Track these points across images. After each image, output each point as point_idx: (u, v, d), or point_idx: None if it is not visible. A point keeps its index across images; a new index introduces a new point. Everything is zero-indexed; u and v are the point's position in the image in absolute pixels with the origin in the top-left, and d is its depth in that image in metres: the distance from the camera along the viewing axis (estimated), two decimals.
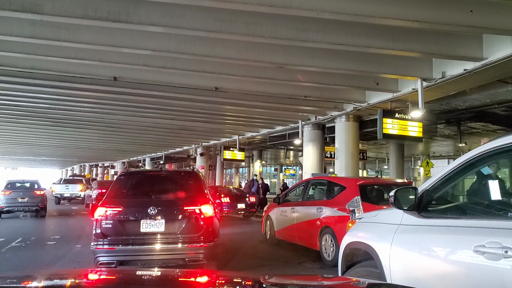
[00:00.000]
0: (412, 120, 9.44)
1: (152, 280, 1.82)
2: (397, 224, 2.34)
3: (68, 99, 11.06)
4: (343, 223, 5.62)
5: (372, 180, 6.65)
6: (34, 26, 6.21)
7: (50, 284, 1.67)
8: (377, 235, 2.49)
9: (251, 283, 1.78)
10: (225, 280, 1.85)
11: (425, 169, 18.12)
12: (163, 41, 6.54)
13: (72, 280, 1.71)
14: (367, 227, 2.73)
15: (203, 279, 1.85)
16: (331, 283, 1.92)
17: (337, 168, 11.28)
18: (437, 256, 2.07)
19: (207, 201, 5.00)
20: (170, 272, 2.42)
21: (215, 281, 1.84)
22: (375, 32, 6.11)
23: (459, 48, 6.32)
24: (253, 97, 9.87)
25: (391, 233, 2.33)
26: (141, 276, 1.95)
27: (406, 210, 2.24)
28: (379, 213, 2.69)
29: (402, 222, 2.31)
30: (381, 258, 2.37)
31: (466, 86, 8.09)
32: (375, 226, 2.59)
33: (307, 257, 6.65)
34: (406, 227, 2.27)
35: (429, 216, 2.19)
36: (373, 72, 7.71)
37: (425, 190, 2.21)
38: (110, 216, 4.75)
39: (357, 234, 2.79)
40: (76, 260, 6.44)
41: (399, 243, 2.27)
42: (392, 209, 2.43)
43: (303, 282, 1.86)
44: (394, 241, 2.29)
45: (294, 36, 5.96)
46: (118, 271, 2.85)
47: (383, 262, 2.34)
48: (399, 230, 2.30)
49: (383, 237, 2.41)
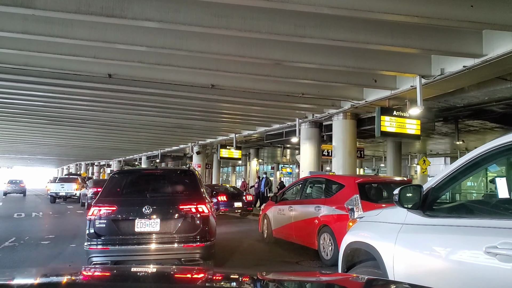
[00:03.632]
0: (410, 117, 9.36)
1: (148, 277, 1.78)
2: (400, 223, 2.25)
3: (62, 96, 10.94)
4: (342, 221, 5.54)
5: (371, 178, 6.58)
6: (26, 21, 6.07)
7: (45, 281, 1.61)
8: (380, 235, 2.40)
9: (248, 279, 1.73)
10: (222, 277, 1.81)
11: (422, 167, 18.13)
12: (158, 37, 6.42)
13: (68, 277, 1.68)
14: (369, 226, 2.63)
15: (200, 276, 1.81)
16: (330, 278, 1.84)
17: (335, 166, 11.21)
18: (444, 257, 1.97)
19: (203, 199, 4.90)
20: (166, 269, 2.39)
21: (212, 278, 1.79)
22: (374, 28, 6.03)
23: (459, 44, 6.25)
24: (249, 95, 9.78)
25: (395, 233, 2.24)
26: (137, 273, 1.90)
27: (410, 209, 2.15)
28: (381, 212, 2.59)
29: (406, 221, 2.21)
30: (384, 258, 2.28)
31: (465, 83, 8.03)
32: (377, 225, 2.50)
33: (305, 256, 6.58)
34: (410, 226, 2.18)
35: (435, 215, 2.10)
36: (371, 68, 7.63)
37: (430, 189, 2.11)
38: (103, 216, 4.63)
39: (358, 234, 2.70)
40: (70, 260, 6.32)
41: (403, 243, 2.18)
42: (394, 207, 2.34)
43: (302, 278, 1.80)
44: (397, 241, 2.20)
45: (292, 32, 5.86)
46: (113, 268, 2.77)
47: (386, 262, 2.25)
48: (402, 230, 2.21)
49: (386, 237, 2.31)
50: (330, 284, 1.69)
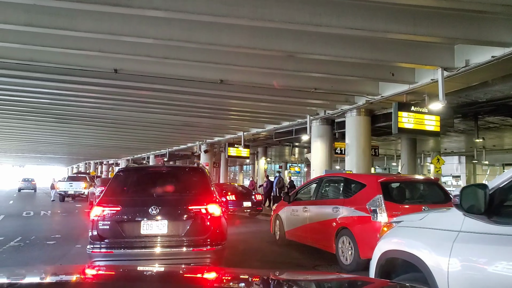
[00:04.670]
0: (429, 113, 8.92)
1: (157, 276, 1.71)
2: (456, 230, 1.86)
3: (69, 93, 10.77)
4: (363, 224, 5.14)
5: (395, 177, 6.15)
6: (29, 13, 5.82)
7: (50, 281, 1.58)
8: (427, 244, 2.02)
9: (274, 279, 1.62)
10: (235, 277, 1.71)
11: (435, 166, 17.61)
12: (165, 28, 6.11)
13: (76, 276, 1.68)
14: (411, 233, 2.25)
15: (211, 276, 1.74)
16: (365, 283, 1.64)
17: (348, 165, 10.81)
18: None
19: (213, 199, 4.54)
20: (175, 269, 2.33)
21: (224, 277, 1.69)
22: (395, 15, 5.65)
23: (487, 32, 5.80)
24: (259, 90, 9.44)
25: (448, 242, 1.86)
26: (143, 272, 1.84)
27: (471, 214, 1.76)
28: (427, 215, 2.21)
29: (464, 228, 1.83)
30: (433, 272, 1.90)
31: (490, 76, 7.55)
32: (423, 232, 2.11)
33: (322, 260, 6.18)
34: (470, 235, 1.79)
35: (504, 222, 1.70)
36: (389, 61, 7.23)
37: (497, 189, 1.72)
38: (107, 217, 4.31)
39: (396, 241, 2.32)
40: (75, 262, 6.09)
41: (461, 255, 1.79)
42: (444, 211, 1.97)
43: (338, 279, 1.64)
44: (453, 253, 1.82)
45: (306, 21, 5.49)
46: (118, 267, 2.67)
47: (437, 278, 1.87)
48: (460, 239, 1.83)
49: (436, 247, 1.93)
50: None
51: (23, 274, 1.74)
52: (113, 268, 2.46)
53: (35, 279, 1.61)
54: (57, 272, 1.87)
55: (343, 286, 1.59)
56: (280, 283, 1.60)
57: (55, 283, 1.53)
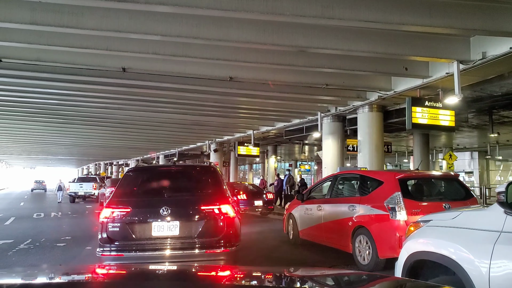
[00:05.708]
0: (443, 108, 8.68)
1: (168, 275, 1.69)
2: (497, 231, 1.69)
3: (77, 93, 10.71)
4: (381, 222, 4.96)
5: (414, 173, 5.93)
6: (34, 11, 5.73)
7: (61, 281, 1.54)
8: (463, 245, 1.85)
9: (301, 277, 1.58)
10: (249, 274, 1.68)
11: (448, 162, 17.26)
12: (173, 25, 5.98)
13: (87, 276, 1.65)
14: (444, 233, 2.07)
15: (225, 273, 1.74)
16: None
17: (361, 162, 10.61)
18: None
19: (226, 199, 4.40)
20: (187, 267, 2.27)
21: (238, 276, 1.65)
22: (410, 6, 5.47)
23: (506, 22, 5.57)
24: (269, 88, 9.28)
25: (489, 244, 1.69)
26: (155, 271, 1.82)
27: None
28: (460, 214, 2.04)
29: (506, 228, 1.66)
30: (471, 277, 1.73)
31: (508, 68, 7.29)
32: (458, 232, 1.94)
33: (338, 260, 5.99)
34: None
35: None
36: (403, 54, 7.00)
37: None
38: (117, 219, 4.19)
39: (426, 242, 2.15)
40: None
41: (504, 257, 1.62)
42: (481, 209, 1.80)
43: None
44: (495, 255, 1.65)
45: (318, 13, 5.32)
46: (130, 266, 2.63)
47: (475, 282, 1.71)
48: (502, 240, 1.66)
49: (474, 249, 1.77)
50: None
51: (31, 274, 1.72)
52: (124, 267, 2.46)
53: (43, 279, 1.59)
54: (68, 271, 1.85)
55: (363, 281, 1.54)
56: (293, 279, 1.57)
57: (66, 283, 1.50)
